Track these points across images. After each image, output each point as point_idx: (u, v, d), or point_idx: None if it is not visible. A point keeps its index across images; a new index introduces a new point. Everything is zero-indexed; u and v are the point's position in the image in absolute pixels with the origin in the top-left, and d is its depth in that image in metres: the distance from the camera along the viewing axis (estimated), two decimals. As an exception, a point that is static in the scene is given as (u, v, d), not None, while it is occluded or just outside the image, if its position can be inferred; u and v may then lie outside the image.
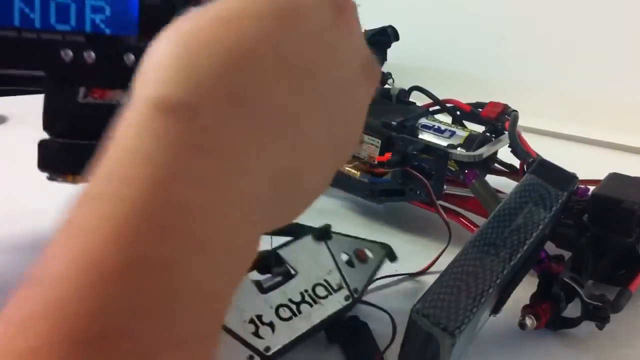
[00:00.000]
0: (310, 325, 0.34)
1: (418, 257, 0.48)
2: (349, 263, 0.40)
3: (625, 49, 0.92)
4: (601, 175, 0.44)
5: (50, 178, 0.33)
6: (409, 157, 0.50)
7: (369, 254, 0.41)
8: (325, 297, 0.36)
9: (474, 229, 0.48)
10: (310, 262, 0.37)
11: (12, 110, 0.80)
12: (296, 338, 0.33)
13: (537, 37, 1.00)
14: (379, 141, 0.53)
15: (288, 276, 0.35)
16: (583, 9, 0.95)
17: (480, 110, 0.55)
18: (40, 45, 0.28)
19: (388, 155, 0.50)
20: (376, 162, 0.53)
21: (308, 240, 0.39)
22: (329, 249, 0.39)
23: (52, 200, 0.60)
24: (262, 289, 0.33)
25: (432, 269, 0.47)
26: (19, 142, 0.73)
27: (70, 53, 0.29)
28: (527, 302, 0.39)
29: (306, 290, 0.35)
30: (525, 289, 0.40)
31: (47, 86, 0.31)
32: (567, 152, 0.80)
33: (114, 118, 0.32)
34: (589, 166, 0.47)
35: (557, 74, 0.98)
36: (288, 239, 0.38)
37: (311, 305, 0.34)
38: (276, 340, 0.31)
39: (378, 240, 0.43)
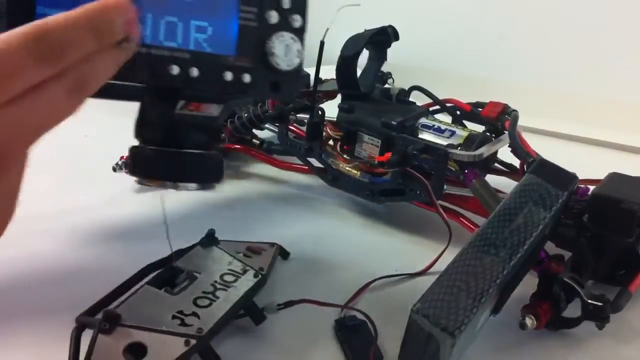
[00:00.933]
0: (232, 303, 0.36)
1: (418, 257, 0.48)
2: (245, 255, 0.42)
3: (625, 49, 0.92)
4: (601, 175, 0.44)
5: (139, 182, 0.35)
6: (409, 157, 0.50)
7: (262, 247, 0.44)
8: (235, 280, 0.38)
9: (474, 229, 0.48)
10: (208, 263, 0.40)
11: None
12: (224, 316, 0.35)
13: (537, 37, 1.00)
14: (379, 141, 0.53)
15: (193, 278, 0.38)
16: (583, 9, 0.95)
17: (480, 110, 0.55)
18: (151, 61, 0.31)
19: (388, 155, 0.50)
20: (376, 162, 0.53)
21: (198, 249, 0.42)
22: (220, 249, 0.42)
23: (52, 200, 0.60)
24: (173, 292, 0.36)
25: (432, 269, 0.47)
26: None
27: (177, 69, 0.31)
28: (527, 302, 0.39)
29: (215, 281, 0.38)
30: (525, 289, 0.40)
31: (146, 96, 0.33)
32: (567, 152, 0.80)
33: (205, 129, 0.34)
34: (589, 166, 0.47)
35: (557, 74, 0.98)
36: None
37: (226, 290, 0.37)
38: (205, 322, 0.34)
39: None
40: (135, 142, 0.35)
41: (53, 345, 0.35)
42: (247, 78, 0.33)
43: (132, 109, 0.35)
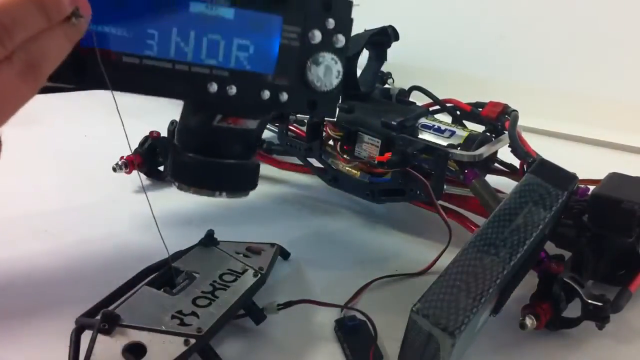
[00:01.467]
0: (231, 303, 0.36)
1: (418, 257, 0.48)
2: (245, 255, 0.42)
3: (625, 49, 0.92)
4: (601, 175, 0.44)
5: (179, 187, 0.35)
6: (409, 157, 0.50)
7: (262, 247, 0.44)
8: (235, 280, 0.38)
9: (474, 229, 0.48)
10: (207, 263, 0.40)
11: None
12: (223, 316, 0.35)
13: (537, 37, 1.00)
14: (379, 141, 0.53)
15: (192, 278, 0.38)
16: (583, 9, 0.95)
17: (480, 110, 0.55)
18: (190, 78, 0.31)
19: (388, 155, 0.50)
20: (376, 162, 0.53)
21: (197, 249, 0.42)
22: (220, 249, 0.42)
23: (52, 200, 0.60)
24: (172, 293, 0.36)
25: (432, 269, 0.47)
26: (19, 142, 0.73)
27: (215, 86, 0.31)
28: (527, 302, 0.39)
29: (214, 281, 0.38)
30: (525, 289, 0.40)
31: (188, 107, 0.34)
32: (567, 152, 0.80)
33: (243, 140, 0.34)
34: (589, 166, 0.47)
35: (557, 74, 0.98)
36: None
37: (225, 290, 0.37)
38: (204, 322, 0.34)
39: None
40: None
41: (53, 346, 0.35)
42: (284, 97, 0.33)
43: (132, 109, 0.35)
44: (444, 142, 0.50)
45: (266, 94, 0.33)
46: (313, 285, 0.45)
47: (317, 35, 0.33)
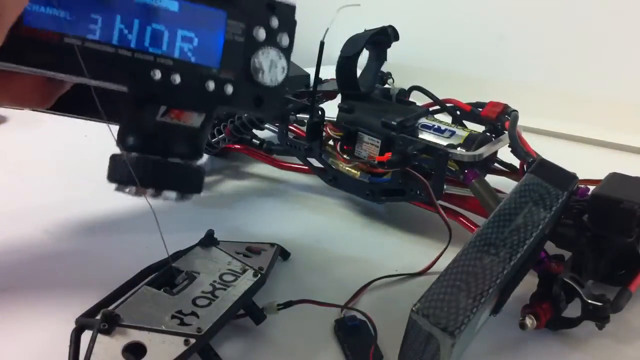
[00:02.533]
0: (231, 303, 0.36)
1: (418, 257, 0.48)
2: (245, 255, 0.42)
3: (625, 49, 0.92)
4: (601, 175, 0.44)
5: (117, 189, 0.35)
6: (409, 157, 0.50)
7: (262, 247, 0.44)
8: (235, 280, 0.38)
9: (474, 229, 0.48)
10: (207, 263, 0.40)
11: (12, 110, 0.80)
12: (223, 315, 0.35)
13: (537, 37, 1.00)
14: (379, 141, 0.53)
15: (192, 278, 0.38)
16: (583, 9, 0.95)
17: (480, 110, 0.55)
18: (134, 63, 0.31)
19: (388, 155, 0.50)
20: (376, 162, 0.53)
21: (197, 249, 0.42)
22: (220, 249, 0.42)
23: (51, 200, 0.60)
24: (172, 293, 0.36)
25: (432, 269, 0.47)
26: (19, 142, 0.73)
27: (159, 73, 0.31)
28: (527, 302, 0.39)
29: (214, 281, 0.38)
30: (525, 289, 0.40)
31: (129, 103, 0.33)
32: (567, 152, 0.80)
33: (187, 140, 0.33)
34: (589, 166, 0.47)
35: (557, 74, 0.98)
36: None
37: (225, 290, 0.37)
38: (204, 322, 0.34)
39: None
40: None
41: (53, 346, 0.35)
42: (229, 89, 0.34)
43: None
44: (444, 142, 0.51)
45: (211, 85, 0.33)
46: (313, 285, 0.45)
47: (261, 33, 0.34)
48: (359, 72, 0.58)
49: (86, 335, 0.32)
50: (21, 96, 0.32)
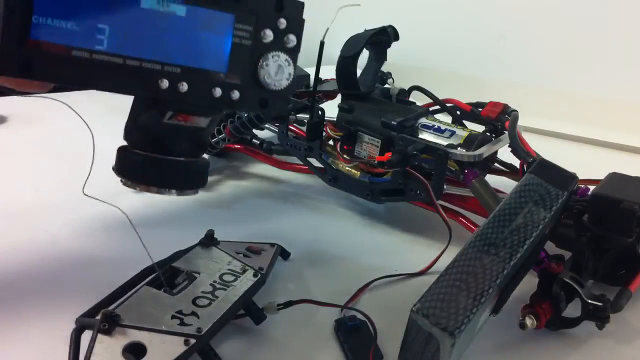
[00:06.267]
0: (231, 303, 0.36)
1: (418, 257, 0.48)
2: (245, 255, 0.42)
3: (625, 49, 0.92)
4: (601, 175, 0.44)
5: (125, 184, 0.36)
6: (409, 157, 0.50)
7: (262, 247, 0.44)
8: (234, 280, 0.38)
9: (474, 229, 0.48)
10: (207, 263, 0.40)
11: (12, 110, 0.80)
12: (223, 316, 0.35)
13: (537, 37, 1.00)
14: (379, 141, 0.53)
15: (192, 278, 0.38)
16: (583, 9, 0.95)
17: (480, 110, 0.55)
18: (142, 73, 0.31)
19: (388, 155, 0.50)
20: (376, 162, 0.53)
21: (197, 249, 0.42)
22: (220, 249, 0.42)
23: (51, 200, 0.60)
24: (172, 293, 0.36)
25: (432, 269, 0.47)
26: (19, 142, 0.73)
27: (167, 82, 0.31)
28: (527, 302, 0.39)
29: (214, 281, 0.38)
30: (525, 289, 0.40)
31: (138, 103, 0.34)
32: (567, 152, 0.80)
33: (193, 139, 0.34)
34: (589, 166, 0.47)
35: (557, 74, 0.98)
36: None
37: (225, 290, 0.37)
38: (204, 322, 0.34)
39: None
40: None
41: (53, 346, 0.35)
42: (235, 95, 0.34)
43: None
44: (444, 142, 0.51)
45: (218, 92, 0.33)
46: (313, 285, 0.45)
47: (268, 35, 0.33)
48: (359, 72, 0.58)
49: (86, 335, 0.32)
50: (28, 85, 0.31)
